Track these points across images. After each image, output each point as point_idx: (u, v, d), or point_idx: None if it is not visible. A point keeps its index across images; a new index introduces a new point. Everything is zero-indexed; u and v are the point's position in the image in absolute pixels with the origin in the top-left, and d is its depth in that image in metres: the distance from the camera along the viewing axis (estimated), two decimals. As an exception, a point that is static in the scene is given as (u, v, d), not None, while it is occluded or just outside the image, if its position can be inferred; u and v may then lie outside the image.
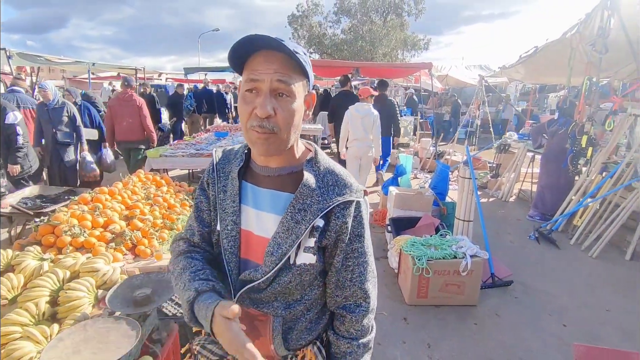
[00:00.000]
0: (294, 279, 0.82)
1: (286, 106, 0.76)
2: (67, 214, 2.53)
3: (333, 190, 0.82)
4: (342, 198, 0.81)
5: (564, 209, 4.54)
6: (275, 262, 0.80)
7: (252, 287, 0.83)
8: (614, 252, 3.97)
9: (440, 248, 2.97)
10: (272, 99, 0.75)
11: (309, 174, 0.83)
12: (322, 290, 0.90)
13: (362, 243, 0.86)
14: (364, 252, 0.86)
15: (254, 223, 0.86)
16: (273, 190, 0.85)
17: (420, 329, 2.64)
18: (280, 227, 0.81)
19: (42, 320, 1.69)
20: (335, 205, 0.80)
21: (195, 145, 5.33)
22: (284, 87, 0.75)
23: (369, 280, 0.88)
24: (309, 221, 0.80)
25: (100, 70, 11.99)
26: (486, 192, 6.30)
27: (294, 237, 0.80)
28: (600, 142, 4.59)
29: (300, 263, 0.81)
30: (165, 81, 15.81)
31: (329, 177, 0.84)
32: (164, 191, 3.39)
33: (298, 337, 0.87)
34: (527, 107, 13.33)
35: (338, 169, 0.87)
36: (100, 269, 2.00)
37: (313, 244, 0.81)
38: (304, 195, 0.81)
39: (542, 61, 6.11)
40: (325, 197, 0.81)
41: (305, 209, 0.80)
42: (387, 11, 25.19)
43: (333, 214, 0.81)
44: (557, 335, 2.61)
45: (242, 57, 0.78)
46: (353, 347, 0.87)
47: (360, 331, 0.88)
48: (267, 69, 0.74)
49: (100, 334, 1.45)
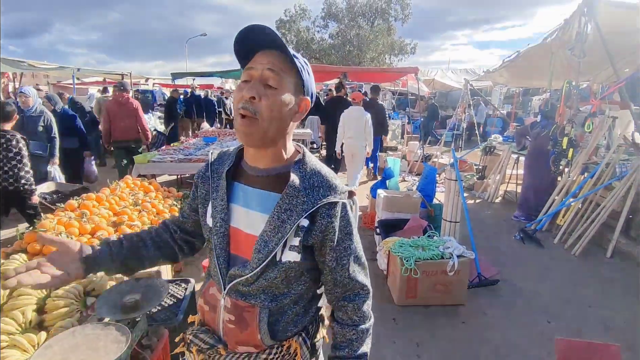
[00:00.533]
0: (280, 274, 0.86)
1: (272, 96, 0.81)
2: (54, 221, 2.50)
3: (318, 192, 0.86)
4: (326, 200, 0.84)
5: (547, 209, 4.66)
6: (262, 259, 0.84)
7: (240, 281, 0.88)
8: (596, 250, 4.09)
9: (427, 249, 3.02)
10: (260, 86, 0.81)
11: (296, 175, 0.86)
12: (309, 286, 0.94)
13: (352, 241, 0.90)
14: (355, 249, 0.91)
15: (243, 221, 0.90)
16: (262, 190, 0.89)
17: (410, 329, 2.68)
18: (268, 225, 0.85)
19: (29, 328, 1.68)
20: (320, 205, 0.84)
21: (184, 151, 5.31)
22: (273, 76, 0.81)
23: (362, 272, 0.94)
24: (294, 221, 0.83)
25: (85, 75, 11.84)
26: (473, 193, 6.41)
27: (280, 235, 0.84)
28: (580, 144, 4.73)
29: (285, 260, 0.85)
30: (152, 86, 15.67)
31: (315, 179, 0.87)
32: (153, 197, 3.37)
33: (284, 328, 0.91)
34: (512, 110, 13.63)
35: (324, 171, 0.90)
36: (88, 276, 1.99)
37: (298, 242, 0.85)
38: (290, 195, 0.84)
39: (525, 65, 6.29)
40: (311, 198, 0.84)
41: (291, 209, 0.84)
42: (374, 16, 25.48)
43: (318, 214, 0.85)
44: (542, 331, 2.68)
45: (247, 57, 0.86)
46: (358, 333, 0.92)
47: (362, 317, 0.93)
48: (262, 60, 0.82)
49: (89, 341, 1.44)
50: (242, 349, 0.91)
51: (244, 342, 0.91)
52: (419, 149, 7.94)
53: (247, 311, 0.89)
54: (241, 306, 0.90)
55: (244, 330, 0.89)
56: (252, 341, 0.89)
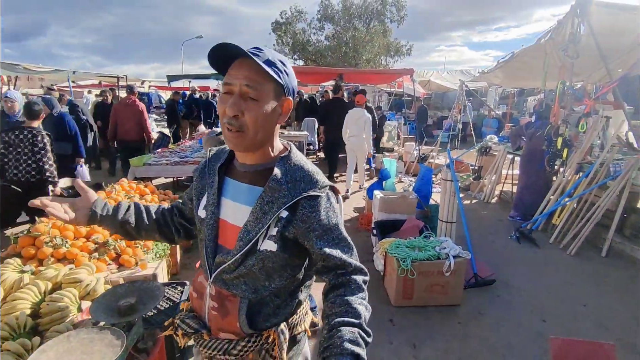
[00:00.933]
0: (257, 263, 0.91)
1: (253, 108, 0.85)
2: (48, 224, 2.49)
3: (299, 185, 0.91)
4: (306, 193, 0.89)
5: (542, 208, 4.69)
6: (243, 246, 0.91)
7: (223, 269, 0.93)
8: (591, 249, 4.11)
9: (424, 249, 3.03)
10: (241, 101, 0.85)
11: (279, 169, 0.92)
12: (290, 281, 0.98)
13: (340, 230, 0.94)
14: (344, 238, 0.94)
15: (231, 213, 0.97)
16: (249, 185, 0.95)
17: (406, 329, 2.68)
18: (251, 216, 0.91)
19: (23, 333, 1.67)
20: (301, 198, 0.89)
21: (180, 153, 5.30)
22: (251, 91, 0.85)
23: (354, 257, 0.95)
24: (274, 212, 0.89)
25: (81, 78, 11.80)
26: (469, 194, 6.44)
27: (261, 225, 0.89)
28: (575, 144, 4.76)
29: (263, 249, 0.90)
30: (148, 89, 15.63)
31: (298, 173, 0.93)
32: (148, 200, 3.37)
33: (264, 319, 0.96)
34: (507, 110, 13.70)
35: (308, 166, 0.95)
36: (83, 280, 1.98)
37: (275, 232, 0.90)
38: (273, 189, 0.90)
39: (519, 66, 6.32)
40: (292, 191, 0.90)
41: (273, 201, 0.90)
42: (370, 18, 25.55)
43: (299, 206, 0.90)
44: (537, 330, 2.69)
45: (226, 63, 0.88)
46: (362, 309, 0.89)
47: (363, 295, 0.92)
48: (237, 74, 0.85)
49: (84, 345, 1.43)
50: (223, 335, 0.97)
51: (225, 329, 0.96)
52: (415, 149, 7.96)
53: (229, 300, 0.95)
54: (224, 295, 0.95)
55: (224, 317, 0.95)
56: (231, 328, 0.95)
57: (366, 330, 0.86)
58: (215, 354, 0.96)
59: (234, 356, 0.95)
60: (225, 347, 0.95)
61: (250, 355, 0.96)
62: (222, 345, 0.95)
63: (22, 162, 3.49)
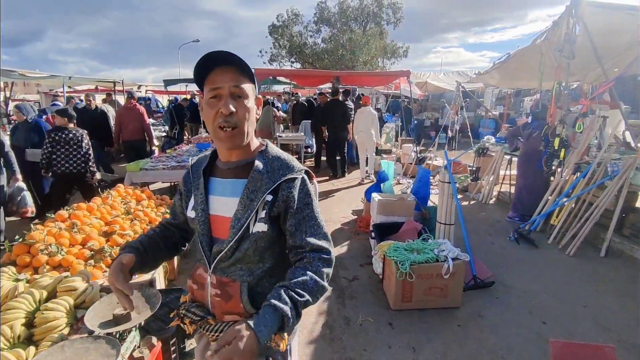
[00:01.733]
0: (251, 245, 1.01)
1: (243, 105, 0.99)
2: (44, 232, 2.47)
3: (278, 172, 1.02)
4: (285, 177, 1.02)
5: (541, 209, 4.68)
6: (236, 232, 1.00)
7: (220, 257, 1.03)
8: (589, 249, 4.11)
9: (422, 252, 3.01)
10: (233, 101, 0.97)
11: (259, 162, 1.03)
12: (280, 259, 1.09)
13: (311, 210, 1.04)
14: (314, 217, 1.04)
15: (221, 207, 1.07)
16: (234, 179, 1.06)
17: (405, 333, 2.67)
18: (239, 205, 1.01)
19: (17, 343, 1.64)
20: (281, 182, 1.01)
21: (177, 158, 5.28)
22: (239, 91, 0.98)
23: (325, 239, 1.04)
24: (260, 198, 1.00)
25: (77, 83, 11.76)
26: (467, 195, 6.44)
27: (250, 211, 1.00)
28: (572, 144, 4.77)
29: (255, 231, 1.00)
30: (145, 93, 15.61)
31: (276, 163, 1.05)
32: (145, 205, 3.34)
33: (264, 298, 0.98)
34: (504, 111, 13.73)
35: (284, 156, 1.07)
36: (79, 288, 1.95)
37: (264, 215, 1.01)
38: (255, 179, 1.02)
39: (515, 67, 6.34)
40: (272, 178, 1.01)
41: (257, 189, 1.01)
42: (366, 20, 25.63)
43: (280, 189, 1.01)
44: (537, 332, 2.68)
45: (202, 75, 1.00)
46: (306, 276, 0.95)
47: (314, 269, 0.98)
48: (223, 79, 0.97)
49: (78, 355, 1.42)
50: (228, 317, 1.05)
51: (230, 312, 1.05)
52: (413, 151, 7.96)
53: (229, 286, 1.04)
54: (224, 282, 1.05)
55: (228, 301, 1.04)
56: (236, 310, 1.04)
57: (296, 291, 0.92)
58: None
59: None
60: None
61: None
62: (227, 327, 1.03)
63: (72, 157, 4.17)
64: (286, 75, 10.23)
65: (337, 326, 2.76)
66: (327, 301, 3.10)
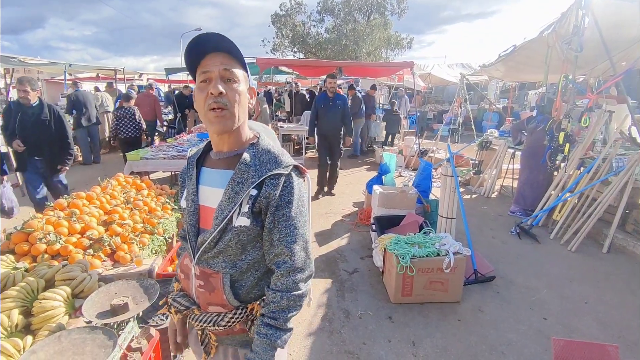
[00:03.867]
0: (234, 237, 1.00)
1: (233, 87, 0.98)
2: (42, 220, 2.45)
3: (266, 167, 1.00)
4: (270, 172, 0.99)
5: (543, 204, 4.65)
6: (219, 224, 1.00)
7: (204, 248, 1.03)
8: (592, 245, 4.08)
9: (423, 246, 2.99)
10: (222, 83, 0.97)
11: (248, 154, 1.02)
12: (262, 254, 1.06)
13: (290, 209, 1.00)
14: (292, 217, 1.00)
15: (209, 198, 1.06)
16: (224, 170, 1.05)
17: (405, 327, 2.66)
18: (224, 197, 1.01)
19: (15, 332, 1.63)
20: (266, 177, 0.99)
21: (177, 147, 5.24)
22: (228, 73, 0.98)
23: (296, 242, 1.01)
24: (244, 191, 0.99)
25: (78, 71, 11.68)
26: (469, 188, 6.40)
27: (233, 204, 0.99)
28: (577, 139, 4.71)
29: (237, 225, 0.99)
30: (146, 82, 15.49)
31: (265, 156, 1.02)
32: (145, 195, 3.31)
33: (248, 292, 1.05)
34: (508, 104, 13.60)
35: (274, 150, 1.05)
36: (77, 277, 1.94)
37: (247, 209, 0.99)
38: (242, 171, 1.00)
39: (521, 59, 6.24)
40: (259, 172, 0.99)
41: (243, 182, 1.00)
42: (370, 10, 25.29)
43: (264, 184, 0.99)
44: (538, 328, 2.67)
45: (194, 63, 1.00)
46: (277, 297, 0.99)
47: (285, 285, 1.00)
48: (214, 62, 0.97)
49: (75, 345, 1.40)
50: (212, 309, 1.06)
51: (213, 303, 1.05)
52: (415, 144, 7.90)
53: (212, 277, 1.04)
54: (208, 273, 1.05)
55: (211, 292, 1.04)
56: (219, 301, 1.04)
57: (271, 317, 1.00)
58: (206, 326, 1.06)
59: (223, 327, 1.04)
60: (214, 319, 1.04)
61: (238, 325, 1.06)
62: (212, 318, 1.05)
63: (130, 126, 6.11)
64: (289, 65, 10.11)
65: (337, 319, 2.75)
66: (327, 293, 3.09)
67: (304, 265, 1.03)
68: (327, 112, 5.46)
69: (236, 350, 1.12)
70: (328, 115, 5.46)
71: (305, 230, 1.04)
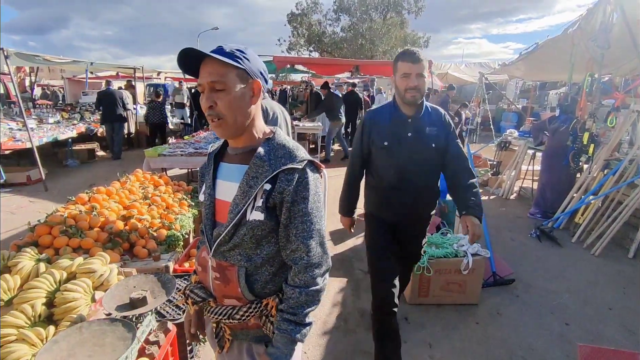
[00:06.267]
0: (248, 232, 1.01)
1: (223, 97, 0.97)
2: (64, 214, 2.50)
3: (280, 161, 1.01)
4: (284, 167, 0.99)
5: (565, 206, 4.51)
6: (233, 217, 1.01)
7: (220, 241, 1.04)
8: (617, 250, 3.94)
9: (441, 246, 2.94)
10: (211, 94, 0.97)
11: (263, 149, 1.02)
12: (277, 249, 1.07)
13: (306, 205, 1.00)
14: (308, 213, 1.01)
15: (225, 192, 1.08)
16: (239, 165, 1.06)
17: (422, 328, 2.61)
18: (239, 191, 1.02)
19: (38, 322, 1.67)
20: (279, 171, 0.98)
21: (194, 144, 5.30)
22: (216, 84, 0.96)
23: (313, 238, 1.02)
24: (258, 185, 0.99)
25: (99, 69, 11.95)
26: (487, 189, 6.27)
27: (248, 198, 1.00)
28: (602, 139, 4.55)
29: (252, 219, 1.00)
30: (164, 80, 15.75)
31: (280, 151, 1.03)
32: (162, 191, 3.36)
33: (262, 286, 1.06)
34: (528, 104, 13.29)
35: (290, 145, 1.05)
36: (97, 270, 1.97)
37: (261, 203, 0.99)
38: (257, 165, 1.01)
39: (543, 58, 6.09)
40: (273, 167, 0.99)
41: (257, 176, 1.00)
42: (386, 9, 25.12)
43: (278, 179, 0.99)
44: (560, 333, 2.58)
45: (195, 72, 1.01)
46: (295, 293, 1.00)
47: (302, 281, 1.01)
48: (203, 74, 0.98)
49: (95, 337, 1.42)
50: (227, 301, 1.08)
51: (229, 295, 1.07)
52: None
53: (228, 270, 1.06)
54: (224, 265, 1.06)
55: (227, 285, 1.06)
56: (234, 294, 1.06)
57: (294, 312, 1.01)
58: (221, 319, 1.08)
59: (237, 320, 1.06)
60: (229, 312, 1.06)
61: (252, 320, 1.07)
62: (227, 311, 1.06)
63: (157, 115, 8.85)
64: (305, 64, 10.13)
65: (352, 318, 2.73)
66: (342, 292, 3.07)
67: (320, 260, 1.04)
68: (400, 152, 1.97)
69: (251, 345, 1.13)
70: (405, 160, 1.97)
71: (321, 225, 1.05)
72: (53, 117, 8.23)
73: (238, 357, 1.15)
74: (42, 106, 9.87)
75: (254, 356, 1.12)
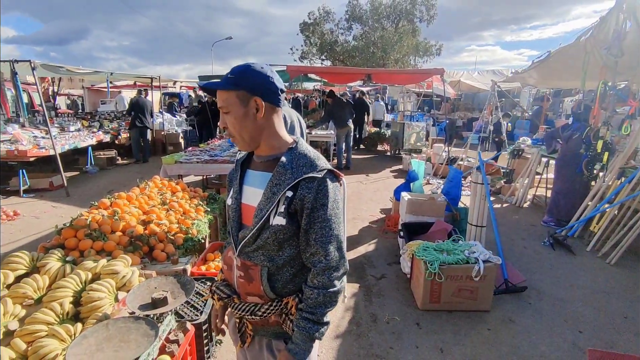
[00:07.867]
0: (271, 236, 1.08)
1: (229, 119, 1.09)
2: (88, 218, 2.62)
3: (302, 170, 1.07)
4: (305, 175, 1.06)
5: (579, 214, 4.47)
6: (257, 222, 1.09)
7: (245, 242, 1.12)
8: (633, 259, 3.88)
9: (452, 253, 2.96)
10: (223, 117, 1.11)
11: (285, 158, 1.10)
12: (299, 252, 1.13)
13: (325, 211, 1.07)
14: (326, 219, 1.07)
15: (251, 197, 1.17)
16: (264, 172, 1.15)
17: (433, 334, 2.63)
18: (263, 197, 1.10)
19: (66, 319, 1.76)
20: (300, 179, 1.05)
21: (210, 152, 5.43)
22: (223, 109, 1.09)
23: (331, 243, 1.08)
24: (281, 192, 1.06)
25: (117, 79, 12.32)
26: (500, 197, 6.23)
27: (271, 204, 1.07)
28: (617, 147, 4.51)
29: (274, 224, 1.07)
30: (179, 89, 16.12)
31: (302, 160, 1.10)
32: (179, 197, 3.47)
33: (283, 286, 1.13)
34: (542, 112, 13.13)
35: (311, 154, 1.12)
36: (120, 272, 2.07)
37: (283, 209, 1.06)
38: (280, 173, 1.08)
39: (556, 65, 6.06)
40: (295, 175, 1.06)
41: (280, 183, 1.07)
42: (398, 17, 25.22)
43: (299, 186, 1.06)
44: (573, 342, 2.57)
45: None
46: (314, 294, 1.07)
47: (321, 282, 1.08)
48: (218, 100, 1.10)
49: (121, 333, 1.51)
50: (250, 299, 1.15)
51: (252, 293, 1.14)
52: (444, 151, 7.79)
53: (251, 269, 1.13)
54: (247, 265, 1.14)
55: (250, 283, 1.13)
56: (257, 292, 1.13)
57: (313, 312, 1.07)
58: (243, 315, 1.16)
59: (259, 317, 1.13)
60: (252, 309, 1.13)
61: (273, 317, 1.14)
62: (249, 308, 1.14)
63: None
64: (317, 73, 10.25)
65: (364, 323, 2.77)
66: (354, 297, 3.11)
67: (338, 263, 1.11)
68: None
69: (270, 341, 1.20)
70: None
71: (339, 231, 1.11)
72: (74, 125, 8.54)
73: (258, 352, 1.23)
74: (64, 115, 10.23)
75: (274, 351, 1.19)
